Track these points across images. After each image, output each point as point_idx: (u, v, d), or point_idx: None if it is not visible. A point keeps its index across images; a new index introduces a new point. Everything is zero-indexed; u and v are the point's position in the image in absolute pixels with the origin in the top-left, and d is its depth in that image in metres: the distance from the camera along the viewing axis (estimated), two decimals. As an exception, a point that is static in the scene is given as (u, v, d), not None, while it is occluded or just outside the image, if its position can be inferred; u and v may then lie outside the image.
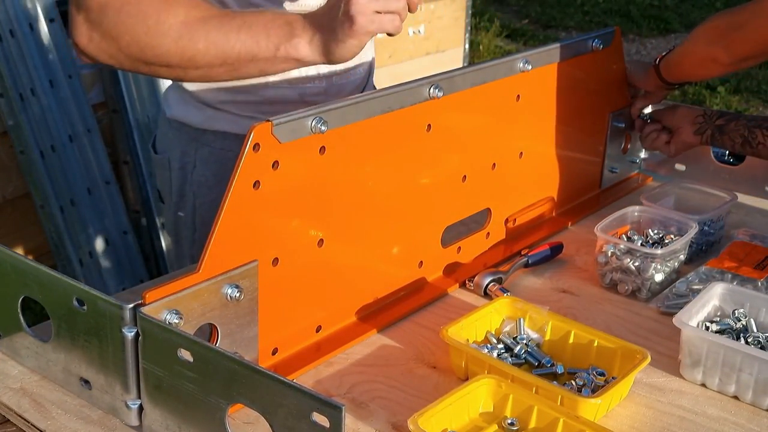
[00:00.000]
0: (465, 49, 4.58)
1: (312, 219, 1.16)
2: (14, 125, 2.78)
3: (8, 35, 2.73)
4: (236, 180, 1.03)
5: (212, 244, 1.02)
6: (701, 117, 1.69)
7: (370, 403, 1.11)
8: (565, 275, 1.46)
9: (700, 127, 1.68)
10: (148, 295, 0.97)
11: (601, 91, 1.71)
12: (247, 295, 1.07)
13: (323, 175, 1.16)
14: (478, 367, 1.13)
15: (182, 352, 0.92)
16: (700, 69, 1.68)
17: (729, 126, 1.64)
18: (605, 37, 1.64)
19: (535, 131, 1.55)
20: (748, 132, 1.61)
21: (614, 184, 1.81)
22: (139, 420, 1.02)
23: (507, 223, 1.54)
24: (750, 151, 1.62)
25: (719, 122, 1.66)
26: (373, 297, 1.30)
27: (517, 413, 1.05)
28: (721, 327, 1.21)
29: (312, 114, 1.11)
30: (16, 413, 1.05)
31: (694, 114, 1.71)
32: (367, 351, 1.22)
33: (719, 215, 1.55)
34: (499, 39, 6.74)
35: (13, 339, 1.12)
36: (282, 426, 0.86)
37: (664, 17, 7.38)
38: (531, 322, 1.23)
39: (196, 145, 1.53)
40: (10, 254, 1.07)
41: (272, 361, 1.16)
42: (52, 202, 2.85)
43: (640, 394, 1.15)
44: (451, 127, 1.34)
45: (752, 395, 1.13)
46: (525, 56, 1.44)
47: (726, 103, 5.58)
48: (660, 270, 1.38)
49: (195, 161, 1.54)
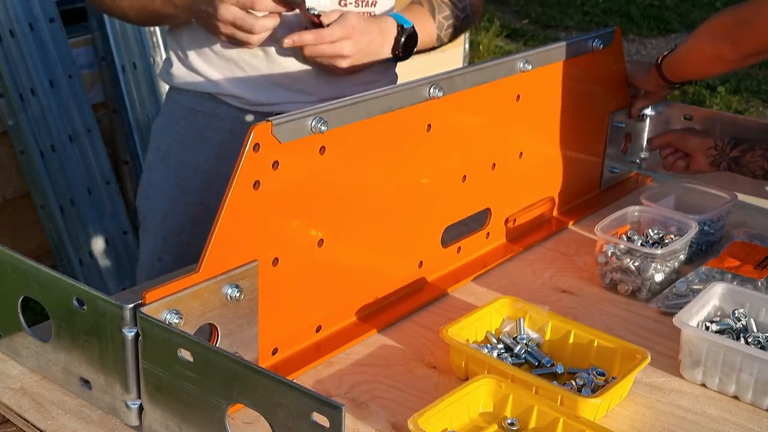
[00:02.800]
0: (465, 49, 4.58)
1: (312, 219, 1.16)
2: (14, 125, 2.78)
3: (8, 35, 2.73)
4: (236, 180, 1.03)
5: (212, 244, 1.02)
6: (713, 149, 1.65)
7: (370, 403, 1.11)
8: (565, 275, 1.46)
9: (714, 160, 1.65)
10: (148, 295, 0.97)
11: (601, 91, 1.71)
12: (247, 295, 1.07)
13: (323, 175, 1.16)
14: (478, 367, 1.13)
15: (182, 352, 0.92)
16: (705, 66, 1.67)
17: (745, 158, 1.61)
18: (605, 37, 1.64)
19: (535, 131, 1.55)
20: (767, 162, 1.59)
21: (614, 184, 1.81)
22: (139, 420, 1.02)
23: (507, 223, 1.54)
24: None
25: (734, 154, 1.63)
26: (373, 297, 1.30)
27: (517, 413, 1.05)
28: (721, 327, 1.21)
29: (312, 114, 1.11)
30: (16, 413, 1.05)
31: (705, 145, 1.67)
32: (367, 351, 1.22)
33: (719, 215, 1.55)
34: (499, 39, 6.74)
35: (13, 339, 1.12)
36: (282, 426, 0.86)
37: (664, 17, 7.38)
38: (531, 322, 1.23)
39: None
40: (10, 254, 1.07)
41: (272, 361, 1.16)
42: (52, 202, 2.86)
43: (640, 394, 1.15)
44: (451, 127, 1.34)
45: (752, 395, 1.13)
46: (525, 56, 1.44)
47: (726, 103, 5.58)
48: (660, 270, 1.38)
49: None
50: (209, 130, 1.62)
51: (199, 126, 1.63)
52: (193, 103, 1.63)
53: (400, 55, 1.58)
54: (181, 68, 1.62)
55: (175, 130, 1.66)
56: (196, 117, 1.63)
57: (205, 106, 1.62)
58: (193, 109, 1.63)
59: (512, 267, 1.49)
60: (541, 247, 1.56)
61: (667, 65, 1.69)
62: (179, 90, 1.65)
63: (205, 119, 1.62)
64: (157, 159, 1.68)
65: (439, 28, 1.67)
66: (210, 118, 1.62)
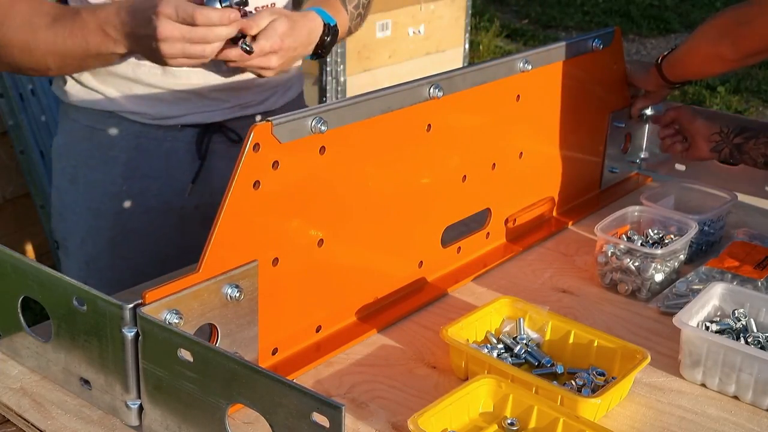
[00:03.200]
0: (465, 49, 4.59)
1: (312, 219, 1.16)
2: (14, 125, 2.78)
3: (8, 35, 2.73)
4: (236, 180, 1.03)
5: (212, 244, 1.02)
6: (717, 135, 1.66)
7: (370, 403, 1.11)
8: (565, 275, 1.46)
9: (716, 146, 1.65)
10: (148, 295, 0.97)
11: (601, 91, 1.71)
12: (247, 295, 1.07)
13: (323, 175, 1.16)
14: (478, 367, 1.13)
15: (182, 352, 0.92)
16: (705, 66, 1.67)
17: (748, 145, 1.61)
18: (605, 37, 1.64)
19: (535, 131, 1.55)
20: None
21: (614, 184, 1.81)
22: (139, 420, 1.02)
23: (507, 223, 1.54)
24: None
25: (737, 140, 1.63)
26: (373, 297, 1.30)
27: (517, 413, 1.05)
28: (721, 327, 1.21)
29: (312, 114, 1.11)
30: (16, 413, 1.05)
31: (710, 131, 1.67)
32: (367, 351, 1.22)
33: (719, 215, 1.55)
34: (499, 39, 6.75)
35: (13, 339, 1.12)
36: (282, 426, 0.86)
37: (664, 17, 7.38)
38: (531, 322, 1.23)
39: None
40: (10, 254, 1.07)
41: (272, 361, 1.16)
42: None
43: (640, 394, 1.15)
44: (451, 127, 1.34)
45: (752, 395, 1.13)
46: (525, 56, 1.44)
47: (726, 103, 5.58)
48: (660, 270, 1.38)
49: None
50: (113, 150, 1.54)
51: (102, 146, 1.54)
52: (93, 121, 1.54)
53: (322, 55, 1.52)
54: (75, 86, 1.52)
55: (78, 151, 1.57)
56: (98, 136, 1.54)
57: (106, 124, 1.53)
58: (94, 128, 1.54)
59: (512, 267, 1.49)
60: (541, 247, 1.56)
61: (667, 65, 1.69)
62: (76, 108, 1.55)
63: (108, 139, 1.53)
64: (65, 181, 1.59)
65: (351, 18, 1.62)
66: (112, 137, 1.53)
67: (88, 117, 1.54)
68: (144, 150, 1.54)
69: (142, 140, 1.53)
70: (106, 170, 1.55)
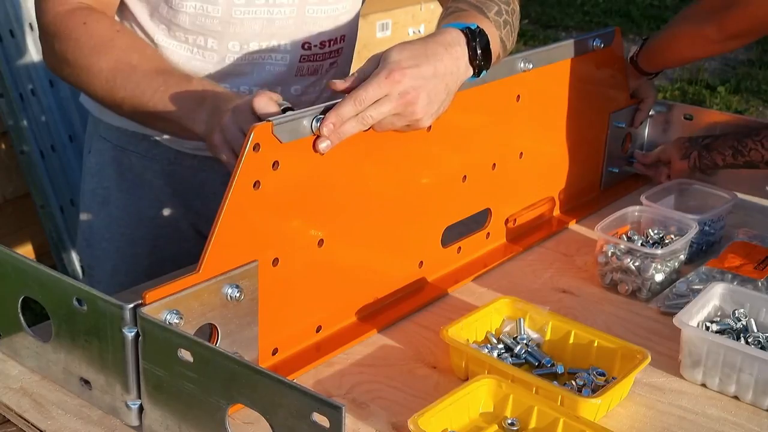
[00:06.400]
0: (465, 49, 4.57)
1: (312, 219, 1.16)
2: (14, 125, 2.78)
3: (8, 35, 2.73)
4: (236, 180, 1.03)
5: (212, 244, 1.02)
6: (686, 141, 1.70)
7: (370, 403, 1.11)
8: (565, 275, 1.46)
9: (686, 152, 1.68)
10: (148, 295, 0.97)
11: (601, 91, 1.71)
12: (247, 296, 1.07)
13: (323, 175, 1.16)
14: (478, 367, 1.13)
15: (182, 352, 0.92)
16: (687, 49, 1.69)
17: (716, 142, 1.64)
18: (605, 37, 1.64)
19: (535, 131, 1.55)
20: (738, 142, 1.60)
21: (614, 184, 1.81)
22: (139, 420, 1.02)
23: (507, 223, 1.54)
24: (742, 159, 1.61)
25: (705, 141, 1.67)
26: (373, 297, 1.30)
27: (518, 413, 1.05)
28: (721, 327, 1.21)
29: (312, 114, 1.11)
30: (16, 413, 1.05)
31: (680, 141, 1.71)
32: (367, 351, 1.22)
33: (719, 215, 1.55)
34: (499, 39, 6.73)
35: (13, 339, 1.12)
36: (282, 426, 0.86)
37: (664, 17, 7.37)
38: (531, 322, 1.23)
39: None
40: (10, 254, 1.07)
41: (272, 361, 1.16)
42: (52, 202, 2.85)
43: (640, 394, 1.15)
44: (451, 127, 1.34)
45: (752, 395, 1.13)
46: (525, 56, 1.44)
47: (726, 103, 5.58)
48: (660, 270, 1.38)
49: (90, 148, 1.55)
50: (147, 173, 1.49)
51: (134, 168, 1.49)
52: (124, 142, 1.48)
53: (483, 65, 1.24)
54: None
55: (109, 173, 1.50)
56: (130, 159, 1.48)
57: (138, 147, 1.47)
58: (125, 149, 1.48)
59: (512, 267, 1.49)
60: (541, 247, 1.56)
61: (645, 55, 1.72)
62: (106, 125, 1.49)
63: (140, 161, 1.48)
64: (95, 203, 1.52)
65: (497, 27, 1.28)
66: (145, 159, 1.48)
67: (118, 137, 1.48)
68: (179, 177, 1.49)
69: (176, 167, 1.49)
70: (140, 195, 1.50)
